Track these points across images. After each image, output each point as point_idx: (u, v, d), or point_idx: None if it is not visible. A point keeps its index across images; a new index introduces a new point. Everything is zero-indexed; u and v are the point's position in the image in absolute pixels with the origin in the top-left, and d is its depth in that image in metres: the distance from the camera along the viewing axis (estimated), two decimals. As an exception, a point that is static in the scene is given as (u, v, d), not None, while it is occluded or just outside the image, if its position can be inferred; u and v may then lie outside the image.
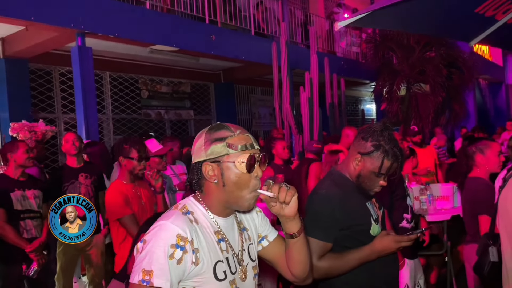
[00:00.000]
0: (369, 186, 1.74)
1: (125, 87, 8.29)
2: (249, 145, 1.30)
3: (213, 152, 1.29)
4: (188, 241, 1.22)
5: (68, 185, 3.74)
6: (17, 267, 3.25)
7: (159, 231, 1.23)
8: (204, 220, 1.32)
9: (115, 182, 2.96)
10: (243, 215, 1.47)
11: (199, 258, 1.24)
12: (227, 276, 1.29)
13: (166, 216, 1.29)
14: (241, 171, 1.28)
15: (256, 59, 8.21)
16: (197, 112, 9.82)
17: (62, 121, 7.25)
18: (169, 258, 1.19)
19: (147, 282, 1.17)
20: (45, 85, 7.07)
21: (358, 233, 1.69)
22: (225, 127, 1.32)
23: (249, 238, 1.44)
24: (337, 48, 11.01)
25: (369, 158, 1.71)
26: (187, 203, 1.35)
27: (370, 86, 12.70)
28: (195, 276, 1.24)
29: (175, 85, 9.32)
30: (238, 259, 1.35)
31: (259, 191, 1.29)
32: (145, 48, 7.01)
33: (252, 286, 1.40)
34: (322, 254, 1.66)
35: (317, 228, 1.67)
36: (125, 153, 2.87)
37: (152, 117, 8.80)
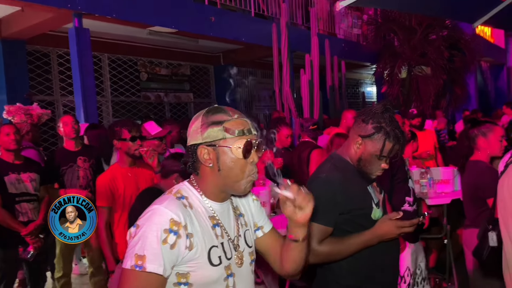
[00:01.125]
0: (371, 169, 1.71)
1: (124, 69, 8.21)
2: (246, 131, 1.27)
3: (210, 135, 1.26)
4: (181, 226, 1.21)
5: (66, 168, 3.73)
6: (13, 250, 3.26)
7: (152, 215, 1.21)
8: (198, 205, 1.30)
9: (111, 167, 2.95)
10: (239, 201, 1.45)
11: (193, 243, 1.23)
12: (222, 262, 1.28)
13: (160, 200, 1.27)
14: (237, 156, 1.26)
15: (256, 41, 8.11)
16: (196, 94, 9.75)
17: (60, 104, 7.20)
18: (162, 243, 1.18)
19: (139, 267, 1.16)
20: (43, 67, 7.00)
21: (359, 217, 1.68)
22: (223, 111, 1.29)
23: (246, 224, 1.43)
24: (338, 30, 10.87)
25: (370, 140, 1.68)
26: (181, 187, 1.33)
27: (371, 68, 12.60)
28: (189, 261, 1.23)
29: (175, 68, 9.23)
30: (234, 245, 1.34)
31: (278, 191, 1.26)
32: (144, 30, 6.92)
33: (248, 272, 1.38)
34: (322, 239, 1.65)
35: (318, 212, 1.65)
36: (117, 135, 2.86)
37: (151, 99, 8.75)
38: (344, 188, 1.66)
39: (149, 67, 8.70)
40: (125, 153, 2.86)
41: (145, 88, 8.61)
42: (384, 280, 1.72)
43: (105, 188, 2.76)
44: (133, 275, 1.17)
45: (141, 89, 8.53)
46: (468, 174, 2.93)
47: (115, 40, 7.59)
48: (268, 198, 3.17)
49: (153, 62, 8.78)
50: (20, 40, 6.27)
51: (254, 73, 11.08)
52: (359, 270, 1.66)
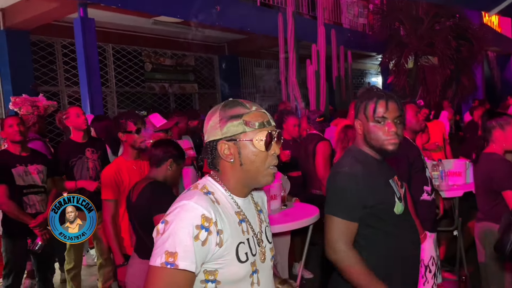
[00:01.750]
0: (380, 139, 1.67)
1: (129, 60, 8.16)
2: (266, 122, 1.25)
3: (229, 130, 1.23)
4: (212, 222, 1.18)
5: (76, 160, 3.69)
6: (22, 242, 3.24)
7: (182, 211, 1.18)
8: (224, 200, 1.28)
9: (116, 160, 2.91)
10: (257, 197, 1.44)
11: (222, 239, 1.20)
12: (248, 258, 1.26)
13: (187, 196, 1.23)
14: (259, 149, 1.23)
15: (261, 30, 8.03)
16: (201, 85, 9.70)
17: (65, 95, 7.17)
18: (194, 239, 1.14)
19: (171, 264, 1.12)
20: (48, 58, 6.95)
21: (382, 211, 1.64)
22: (240, 104, 1.26)
23: (265, 220, 1.41)
24: (344, 20, 10.75)
25: (360, 114, 1.70)
26: (206, 183, 1.30)
27: (376, 58, 12.48)
28: (218, 258, 1.20)
29: (179, 58, 9.17)
30: (257, 240, 1.32)
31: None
32: (149, 20, 6.86)
33: (269, 268, 1.37)
34: (349, 237, 1.61)
35: (342, 207, 1.62)
36: (122, 127, 2.81)
37: (156, 90, 8.71)
38: (367, 181, 1.62)
39: (153, 58, 8.64)
40: (130, 145, 2.82)
41: (149, 79, 8.57)
42: (404, 277, 1.69)
43: (110, 181, 2.72)
44: (163, 272, 1.14)
45: (145, 80, 8.48)
46: (482, 166, 2.88)
47: (120, 30, 7.54)
48: (279, 191, 3.13)
49: (158, 53, 8.72)
50: (24, 30, 6.22)
51: (259, 64, 11.00)
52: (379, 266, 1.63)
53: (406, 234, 1.70)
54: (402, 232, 1.69)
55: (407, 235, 1.70)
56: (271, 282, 1.38)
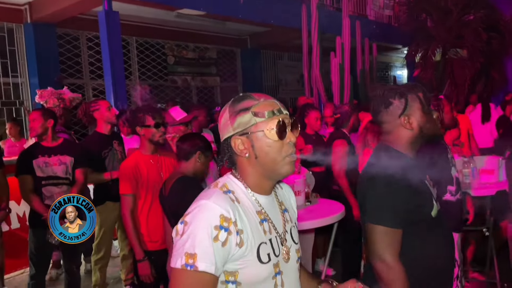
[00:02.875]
0: (434, 127, 1.66)
1: (152, 53, 8.20)
2: (276, 111, 1.20)
3: (240, 124, 1.19)
4: (232, 222, 1.14)
5: (108, 151, 3.73)
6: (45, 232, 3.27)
7: (201, 211, 1.14)
8: (245, 199, 1.23)
9: (134, 154, 2.90)
10: (283, 196, 1.39)
11: (243, 239, 1.16)
12: (271, 259, 1.21)
13: (206, 195, 1.20)
14: (272, 139, 1.18)
15: (285, 23, 7.93)
16: (223, 78, 9.68)
17: (90, 87, 7.26)
18: (214, 240, 1.11)
19: (191, 266, 1.10)
20: (73, 51, 7.04)
21: (421, 215, 1.56)
22: (248, 97, 1.22)
23: (291, 220, 1.36)
24: (369, 11, 10.52)
25: (411, 108, 1.62)
26: (226, 181, 1.26)
27: (402, 51, 12.19)
28: (239, 259, 1.16)
29: (201, 51, 9.16)
30: (281, 240, 1.27)
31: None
32: (172, 13, 6.85)
33: (295, 269, 1.32)
34: (396, 247, 1.53)
35: (385, 214, 1.53)
36: (141, 121, 2.79)
37: (178, 83, 8.72)
38: (405, 183, 1.53)
39: (176, 51, 8.65)
40: (149, 140, 2.80)
41: (172, 72, 8.59)
42: (438, 284, 1.60)
43: (129, 175, 2.71)
44: (184, 274, 1.11)
45: (168, 73, 8.51)
46: None
47: (143, 23, 7.56)
48: (303, 187, 3.07)
49: (180, 46, 8.72)
50: (50, 23, 6.30)
51: (281, 56, 10.90)
52: (412, 272, 1.54)
53: (441, 236, 1.62)
54: (437, 236, 1.60)
55: (441, 238, 1.62)
56: (297, 284, 1.32)
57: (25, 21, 6.23)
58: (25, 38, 6.35)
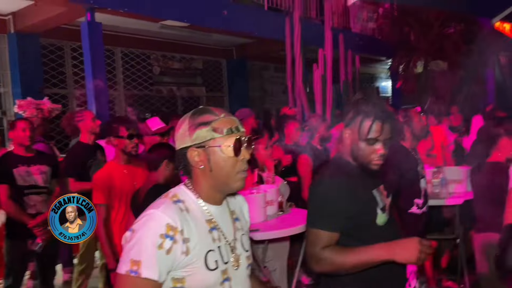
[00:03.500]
0: (367, 157, 1.63)
1: (137, 63, 8.24)
2: (234, 128, 1.27)
3: (198, 137, 1.26)
4: (178, 231, 1.19)
5: (92, 161, 3.77)
6: (23, 243, 3.28)
7: (148, 220, 1.20)
8: (195, 208, 1.29)
9: (107, 164, 2.95)
10: (235, 206, 1.45)
11: (189, 248, 1.21)
12: (218, 266, 1.27)
13: (156, 205, 1.26)
14: (228, 155, 1.26)
15: (269, 34, 8.02)
16: (209, 89, 9.74)
17: (74, 97, 7.25)
18: (158, 248, 1.16)
19: (135, 272, 1.15)
20: (57, 61, 7.05)
21: (364, 222, 1.63)
22: (209, 111, 1.29)
23: (242, 228, 1.42)
24: (353, 24, 10.69)
25: (354, 127, 1.64)
26: (177, 191, 1.32)
27: (386, 63, 12.39)
28: (186, 266, 1.22)
29: (187, 61, 9.22)
30: (231, 247, 1.33)
31: None
32: (156, 24, 6.91)
33: (244, 275, 1.37)
34: (327, 245, 1.60)
35: (323, 218, 1.60)
36: (115, 132, 2.84)
37: (164, 93, 8.76)
38: (348, 191, 1.60)
39: (162, 61, 8.71)
40: (121, 150, 2.85)
41: (157, 82, 8.63)
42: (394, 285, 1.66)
43: (102, 185, 2.75)
44: (128, 280, 1.16)
45: (153, 83, 8.54)
46: (488, 175, 2.81)
47: (128, 34, 7.61)
48: (276, 197, 3.12)
49: (166, 56, 8.78)
50: (34, 33, 6.31)
51: (267, 68, 11.00)
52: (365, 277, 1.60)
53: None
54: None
55: None
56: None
57: (8, 31, 6.24)
58: (8, 48, 6.36)
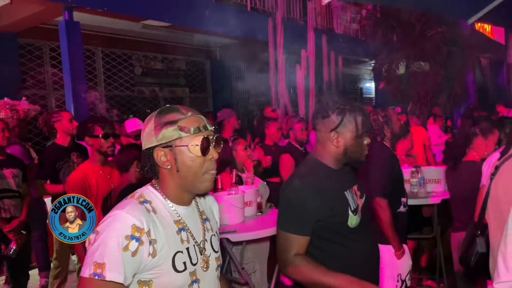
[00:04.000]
0: (359, 151, 1.68)
1: (118, 64, 8.13)
2: (202, 127, 1.24)
3: (164, 136, 1.22)
4: (144, 232, 1.15)
5: (63, 163, 3.67)
6: (-4, 245, 3.20)
7: (113, 221, 1.16)
8: (163, 209, 1.25)
9: (82, 165, 2.88)
10: (205, 206, 1.42)
11: (156, 249, 1.17)
12: (187, 268, 1.23)
13: (121, 205, 1.22)
14: (196, 154, 1.22)
15: (251, 35, 8.00)
16: (192, 89, 9.67)
17: (53, 98, 7.13)
18: (123, 250, 1.12)
19: (99, 275, 1.11)
20: (35, 61, 6.91)
21: (335, 224, 1.60)
22: (176, 110, 1.25)
23: (211, 229, 1.38)
24: (336, 25, 10.75)
25: (344, 127, 1.64)
26: (144, 191, 1.28)
27: (369, 64, 12.48)
28: (152, 268, 1.18)
29: (170, 62, 9.15)
30: (200, 249, 1.29)
31: None
32: (137, 24, 6.83)
33: (214, 277, 1.34)
34: (299, 249, 1.56)
35: (293, 221, 1.57)
36: (90, 132, 2.79)
37: (146, 94, 8.67)
38: (319, 193, 1.57)
39: (144, 62, 8.62)
40: (97, 150, 2.79)
41: (139, 83, 8.53)
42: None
43: (77, 187, 2.69)
44: (92, 284, 1.12)
45: (135, 84, 8.45)
46: (463, 175, 2.82)
47: (109, 34, 7.51)
48: (254, 198, 3.09)
49: (148, 56, 8.69)
50: (11, 33, 6.18)
51: (251, 69, 10.98)
52: None
53: (362, 247, 1.65)
54: (357, 245, 1.64)
55: (362, 249, 1.66)
56: None
57: (-16, 31, 6.11)
58: (-16, 48, 6.21)
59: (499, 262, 1.35)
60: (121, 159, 2.44)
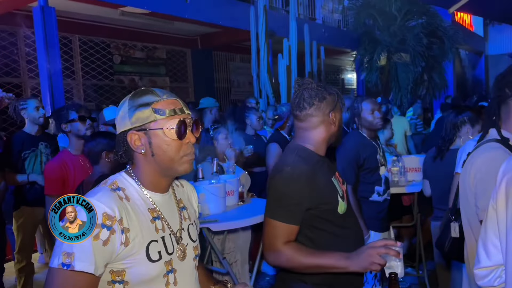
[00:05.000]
0: (341, 131, 1.76)
1: (96, 52, 7.92)
2: (178, 110, 1.18)
3: (138, 119, 1.16)
4: (116, 220, 1.11)
5: (29, 153, 3.56)
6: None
7: None
8: (137, 197, 1.20)
9: (61, 153, 2.80)
10: (183, 194, 1.37)
11: (129, 238, 1.13)
12: (162, 257, 1.19)
13: (92, 193, 1.17)
14: (171, 138, 1.17)
15: (233, 24, 7.91)
16: (173, 79, 9.52)
17: (28, 86, 6.91)
18: (93, 239, 1.08)
19: (67, 266, 1.06)
20: (9, 48, 6.68)
21: (326, 212, 1.57)
22: (150, 91, 1.20)
23: (189, 218, 1.34)
24: (318, 15, 10.73)
25: (337, 105, 1.69)
26: (117, 178, 1.22)
27: (351, 55, 12.54)
28: (125, 258, 1.13)
29: (150, 51, 8.97)
30: (176, 238, 1.25)
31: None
32: (116, 10, 6.65)
33: (191, 267, 1.30)
34: (288, 238, 1.53)
35: (282, 210, 1.53)
36: (65, 117, 2.71)
37: (125, 83, 8.49)
38: (311, 181, 1.54)
39: (122, 50, 8.42)
40: (75, 136, 2.71)
41: (118, 72, 8.35)
42: (351, 279, 1.61)
43: (55, 176, 2.61)
44: (60, 274, 1.07)
45: (114, 73, 8.26)
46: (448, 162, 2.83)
47: (87, 21, 7.29)
48: (236, 187, 3.06)
49: (127, 45, 8.50)
50: (-17, 18, 5.95)
51: (233, 58, 10.88)
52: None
53: (350, 233, 1.64)
54: (346, 232, 1.62)
55: (351, 234, 1.65)
56: (193, 281, 1.31)
57: (-46, 16, 5.86)
58: (-45, 34, 5.97)
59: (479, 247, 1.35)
60: (91, 148, 2.36)
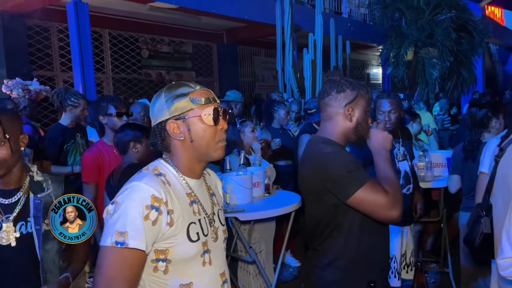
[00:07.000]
0: (366, 128, 1.72)
1: (125, 46, 8.11)
2: (212, 99, 1.30)
3: (177, 108, 1.26)
4: (163, 202, 1.19)
5: (70, 145, 3.69)
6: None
7: (132, 192, 1.19)
8: (176, 182, 1.30)
9: (97, 143, 2.92)
10: (210, 182, 1.47)
11: (173, 219, 1.22)
12: (199, 238, 1.28)
13: (138, 177, 1.25)
14: (208, 123, 1.28)
15: (259, 18, 7.95)
16: (198, 73, 9.66)
17: (61, 79, 7.15)
18: (144, 219, 1.16)
19: (121, 243, 1.14)
20: (43, 42, 6.92)
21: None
22: (184, 84, 1.31)
23: (218, 203, 1.44)
24: (344, 9, 10.65)
25: (358, 101, 1.68)
26: (157, 165, 1.32)
27: (377, 49, 12.39)
28: (169, 238, 1.22)
29: (177, 45, 9.12)
30: (210, 220, 1.35)
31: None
32: (145, 6, 6.80)
33: (222, 248, 1.40)
34: (380, 187, 1.57)
35: (358, 175, 1.56)
36: (103, 110, 2.83)
37: (152, 77, 8.67)
38: (346, 151, 1.68)
39: (150, 44, 8.60)
40: (111, 129, 2.83)
41: (146, 66, 8.53)
42: (384, 268, 1.67)
43: (92, 164, 2.73)
44: (114, 252, 1.14)
45: (142, 67, 8.45)
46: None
47: (117, 16, 7.48)
48: (262, 179, 3.13)
49: (155, 39, 8.66)
50: (19, 14, 6.18)
51: (258, 52, 10.93)
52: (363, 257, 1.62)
53: (376, 229, 1.68)
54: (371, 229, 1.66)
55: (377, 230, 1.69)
56: (223, 262, 1.40)
57: (-8, 12, 6.11)
58: (-7, 29, 6.22)
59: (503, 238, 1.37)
60: (117, 143, 2.50)
